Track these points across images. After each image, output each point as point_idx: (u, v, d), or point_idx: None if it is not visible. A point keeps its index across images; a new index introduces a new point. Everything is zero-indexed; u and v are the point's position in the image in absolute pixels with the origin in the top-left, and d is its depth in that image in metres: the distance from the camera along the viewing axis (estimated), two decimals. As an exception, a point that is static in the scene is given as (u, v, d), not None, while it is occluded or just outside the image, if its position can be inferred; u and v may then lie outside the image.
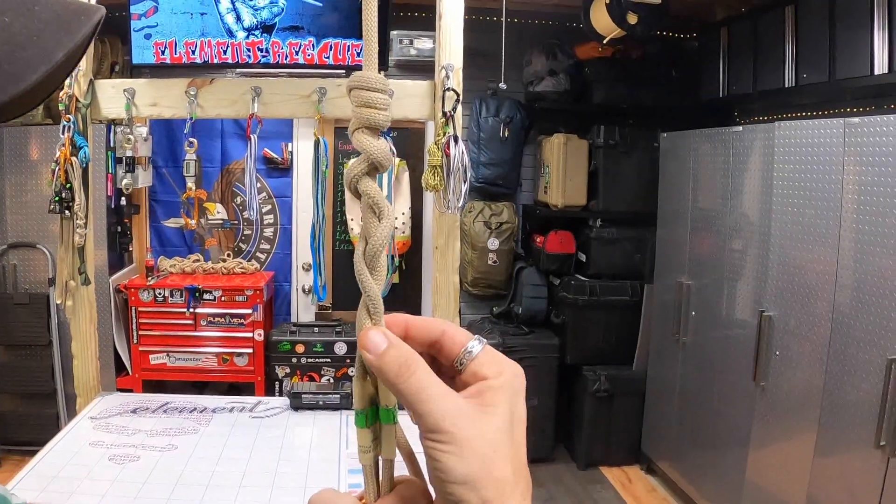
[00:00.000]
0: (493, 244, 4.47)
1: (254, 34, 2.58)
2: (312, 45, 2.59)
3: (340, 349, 4.19)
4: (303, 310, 4.75)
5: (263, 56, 2.59)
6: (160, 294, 4.14)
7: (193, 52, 2.59)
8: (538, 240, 4.50)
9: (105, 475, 1.71)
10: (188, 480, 1.71)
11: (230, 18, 2.57)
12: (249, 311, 4.18)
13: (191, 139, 2.33)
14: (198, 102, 2.25)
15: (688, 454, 3.81)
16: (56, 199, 2.13)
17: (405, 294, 4.66)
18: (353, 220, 4.48)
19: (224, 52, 2.59)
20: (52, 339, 3.99)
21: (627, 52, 4.36)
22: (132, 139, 2.53)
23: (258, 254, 4.72)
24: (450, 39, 2.20)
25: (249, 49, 2.58)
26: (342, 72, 2.62)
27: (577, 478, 4.26)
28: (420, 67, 4.20)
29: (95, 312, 2.30)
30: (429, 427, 0.43)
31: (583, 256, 4.43)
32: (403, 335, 0.47)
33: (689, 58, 4.51)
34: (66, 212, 2.14)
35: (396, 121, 0.47)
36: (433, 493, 0.45)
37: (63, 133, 2.12)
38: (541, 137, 4.57)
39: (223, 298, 4.18)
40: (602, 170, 4.30)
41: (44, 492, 1.62)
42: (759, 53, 3.73)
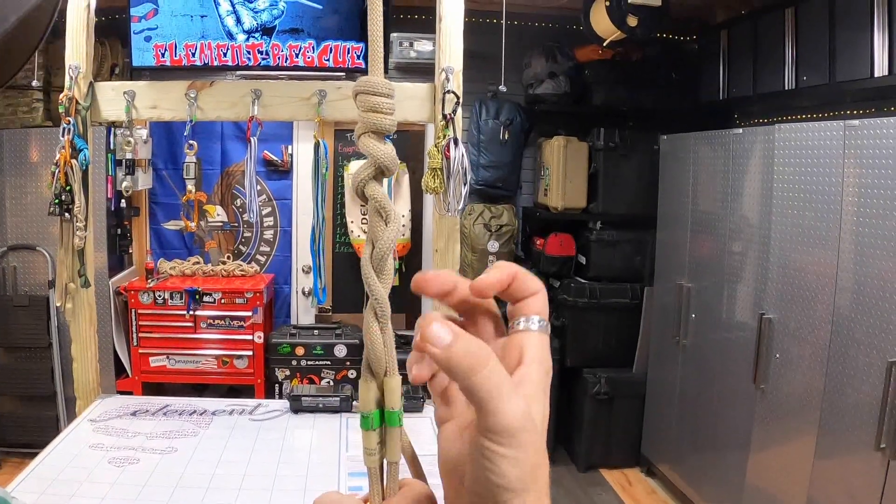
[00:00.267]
0: (493, 246, 4.47)
1: (254, 37, 2.58)
2: (312, 48, 2.59)
3: (340, 352, 4.19)
4: (303, 312, 4.74)
5: (263, 58, 2.60)
6: (160, 296, 4.14)
7: (193, 55, 2.59)
8: (538, 242, 4.50)
9: (105, 478, 1.70)
10: (188, 483, 1.71)
11: (230, 21, 2.57)
12: (249, 314, 4.17)
13: (191, 142, 2.33)
14: (198, 105, 2.25)
15: (688, 457, 3.80)
16: (56, 202, 2.13)
17: (405, 296, 4.65)
18: (353, 223, 4.48)
19: (224, 55, 2.60)
20: (52, 342, 3.99)
21: (627, 55, 4.37)
22: (132, 141, 2.53)
23: (258, 256, 4.72)
24: (450, 42, 2.21)
25: (249, 51, 2.59)
26: (342, 74, 2.62)
27: (577, 480, 4.25)
28: (420, 70, 4.20)
29: (95, 315, 2.30)
30: (496, 428, 0.39)
31: (583, 259, 4.43)
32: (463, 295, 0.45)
33: (689, 60, 4.51)
34: (66, 214, 2.14)
35: (396, 123, 0.47)
36: (440, 494, 0.43)
37: (63, 135, 2.12)
38: (541, 140, 4.57)
39: (223, 301, 4.18)
40: (602, 172, 4.30)
41: (43, 494, 1.62)
42: (759, 55, 3.73)
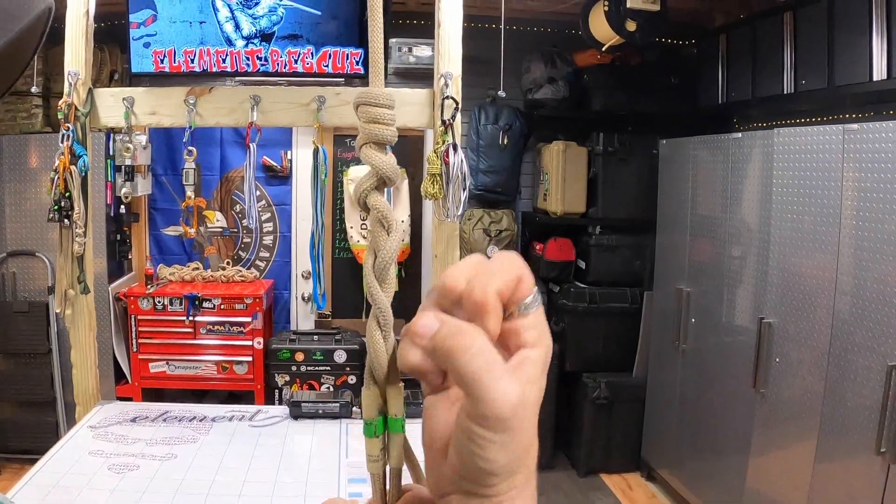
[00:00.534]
0: (493, 251, 4.45)
1: (253, 43, 2.58)
2: (311, 54, 2.60)
3: (340, 357, 4.18)
4: (302, 318, 4.74)
5: (262, 65, 2.60)
6: (159, 302, 4.14)
7: (192, 61, 2.60)
8: (537, 247, 4.50)
9: (104, 484, 1.70)
10: (188, 489, 1.70)
11: (229, 27, 2.57)
12: (249, 319, 4.17)
13: (190, 148, 2.33)
14: (197, 111, 2.25)
15: (688, 461, 3.80)
16: (55, 208, 2.13)
17: (405, 302, 4.65)
18: (353, 228, 4.48)
19: (223, 61, 2.60)
20: (52, 347, 3.99)
21: (626, 59, 4.37)
22: (131, 148, 2.53)
23: (257, 262, 4.72)
24: (449, 47, 2.21)
25: (248, 58, 2.59)
26: (341, 80, 2.62)
27: (578, 485, 4.24)
28: (419, 75, 4.21)
29: (95, 321, 2.30)
30: (485, 413, 0.38)
31: (582, 263, 4.43)
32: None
33: (688, 64, 4.52)
34: (66, 220, 2.14)
35: (397, 134, 0.48)
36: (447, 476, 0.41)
37: (62, 142, 2.12)
38: (540, 145, 4.57)
39: (222, 306, 4.17)
40: (601, 177, 4.30)
41: (43, 501, 1.61)
42: (758, 60, 3.74)
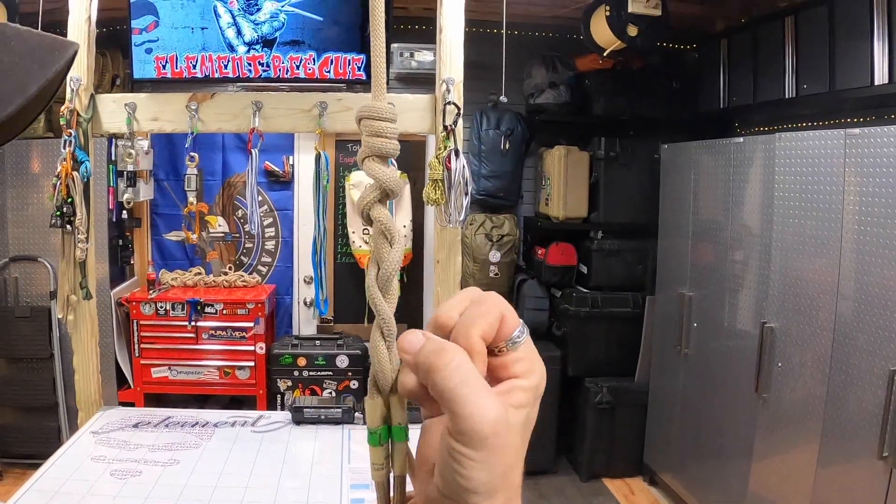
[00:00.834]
0: (495, 256, 4.47)
1: (255, 49, 2.59)
2: (313, 60, 2.60)
3: (342, 362, 4.19)
4: (304, 323, 4.74)
5: (264, 70, 2.61)
6: (162, 307, 4.14)
7: (194, 67, 2.61)
8: (539, 252, 4.50)
9: (107, 490, 1.70)
10: (190, 496, 1.70)
11: (231, 33, 2.58)
12: (251, 325, 4.17)
13: (192, 153, 2.33)
14: (199, 117, 2.25)
15: (690, 465, 3.79)
16: (57, 214, 2.13)
17: (407, 308, 4.65)
18: (355, 233, 4.48)
19: (225, 67, 2.61)
20: (54, 353, 3.99)
21: (628, 64, 4.38)
22: (133, 153, 2.53)
23: (259, 267, 4.72)
24: (450, 53, 2.21)
25: (250, 63, 2.60)
26: (343, 86, 2.63)
27: (580, 490, 4.24)
28: (421, 80, 4.21)
29: (97, 327, 2.30)
30: (464, 430, 0.38)
31: (584, 268, 4.43)
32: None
33: (690, 69, 4.52)
34: (68, 226, 2.15)
35: (399, 147, 0.48)
36: (436, 485, 0.42)
37: (64, 147, 2.12)
38: (541, 149, 4.57)
39: (225, 312, 4.18)
40: (603, 181, 4.30)
41: (45, 508, 1.61)
42: (760, 64, 3.74)
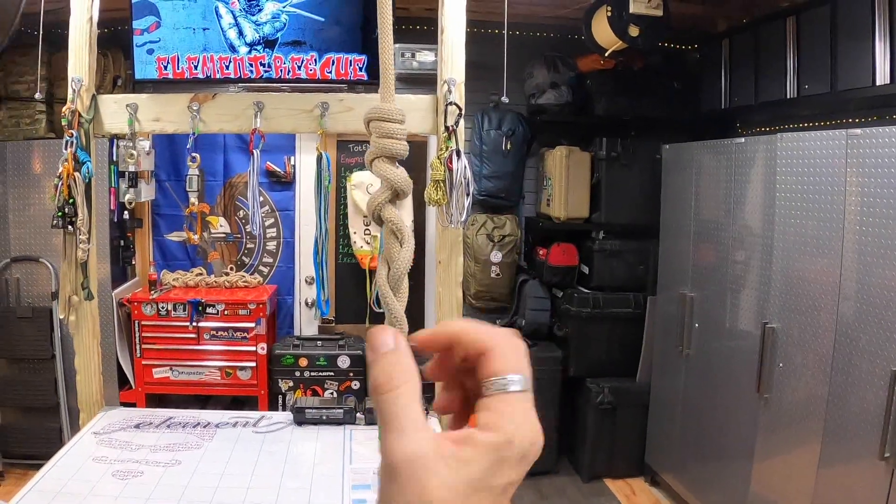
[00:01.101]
0: (496, 257, 4.47)
1: (256, 49, 2.59)
2: (315, 60, 2.60)
3: (343, 363, 4.19)
4: (306, 323, 4.74)
5: (266, 71, 2.61)
6: (163, 308, 4.14)
7: (196, 68, 2.61)
8: (541, 252, 4.50)
9: (108, 491, 1.70)
10: (192, 496, 1.70)
11: (232, 34, 2.58)
12: (252, 325, 4.17)
13: (193, 154, 2.33)
14: (200, 117, 2.25)
15: (692, 466, 3.79)
16: (59, 214, 2.13)
17: (408, 308, 4.64)
18: (356, 234, 4.48)
19: (226, 67, 2.61)
20: (55, 353, 4.00)
21: (629, 64, 4.37)
22: (135, 154, 2.53)
23: (261, 267, 4.73)
24: (452, 53, 2.21)
25: (252, 64, 2.60)
26: (344, 86, 2.63)
27: (581, 490, 4.24)
28: (422, 80, 4.21)
29: (98, 327, 2.30)
30: (384, 460, 0.38)
31: (585, 269, 4.42)
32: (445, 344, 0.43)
33: (691, 69, 4.52)
34: (69, 227, 2.15)
35: (408, 148, 0.48)
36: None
37: (66, 148, 2.12)
38: (543, 150, 4.57)
39: (226, 312, 4.18)
40: (604, 182, 4.31)
41: (47, 508, 1.61)
42: (761, 64, 3.74)
